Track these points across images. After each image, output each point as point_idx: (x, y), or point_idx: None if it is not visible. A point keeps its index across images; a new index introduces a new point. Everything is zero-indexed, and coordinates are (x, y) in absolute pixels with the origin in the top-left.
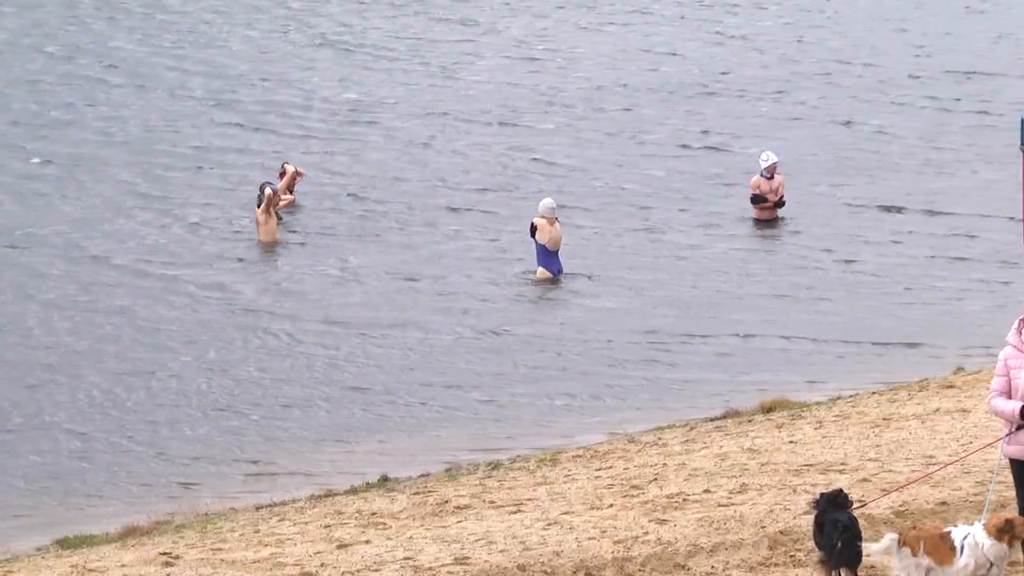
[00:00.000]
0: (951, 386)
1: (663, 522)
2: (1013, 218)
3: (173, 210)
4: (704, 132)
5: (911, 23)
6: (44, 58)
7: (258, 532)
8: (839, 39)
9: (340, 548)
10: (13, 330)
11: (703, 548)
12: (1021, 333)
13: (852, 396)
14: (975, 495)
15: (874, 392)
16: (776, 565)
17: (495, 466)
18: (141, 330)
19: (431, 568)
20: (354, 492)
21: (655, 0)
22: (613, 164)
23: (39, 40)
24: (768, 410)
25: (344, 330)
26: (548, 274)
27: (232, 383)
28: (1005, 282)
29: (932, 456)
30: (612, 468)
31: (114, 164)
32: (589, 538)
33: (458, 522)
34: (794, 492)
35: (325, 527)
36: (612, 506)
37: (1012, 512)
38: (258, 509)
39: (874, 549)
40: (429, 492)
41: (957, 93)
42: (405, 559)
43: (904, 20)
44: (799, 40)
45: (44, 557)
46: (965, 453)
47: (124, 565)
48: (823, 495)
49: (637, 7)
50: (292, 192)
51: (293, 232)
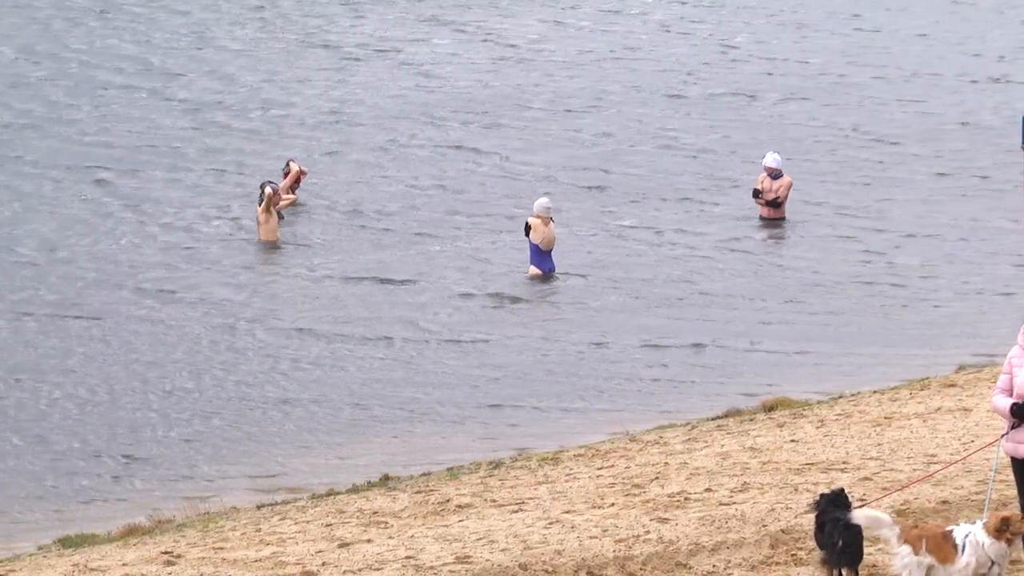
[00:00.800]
0: (952, 385)
1: (664, 521)
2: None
3: (172, 210)
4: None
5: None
6: (26, 59)
7: (259, 531)
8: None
9: (342, 547)
10: (13, 330)
11: (704, 547)
12: None
13: (854, 395)
14: (977, 494)
15: (875, 391)
16: (778, 564)
17: (496, 465)
18: (142, 330)
19: (433, 567)
20: (355, 491)
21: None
22: (607, 165)
23: (27, 41)
24: (770, 409)
25: (344, 329)
26: (539, 272)
27: (233, 382)
28: (1006, 282)
29: (934, 455)
30: (614, 467)
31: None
32: (591, 537)
33: (460, 521)
34: (796, 491)
35: (327, 526)
36: (614, 505)
37: (1014, 510)
38: (259, 508)
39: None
40: (431, 491)
41: (958, 92)
42: (407, 558)
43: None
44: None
45: (46, 556)
46: (967, 452)
47: (126, 564)
48: (823, 495)
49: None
50: (295, 191)
51: (295, 232)
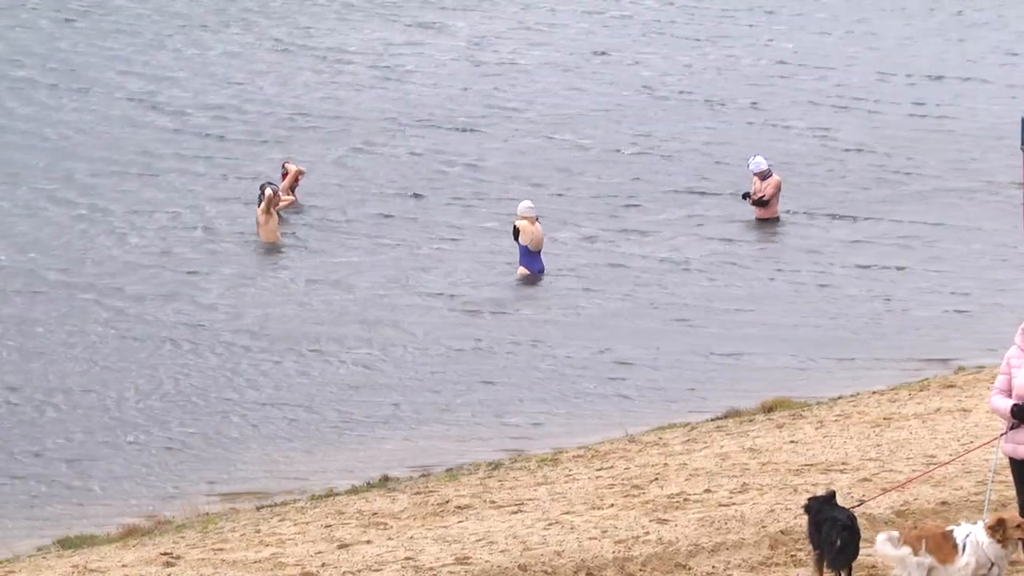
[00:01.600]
0: (952, 386)
1: (664, 522)
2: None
3: (172, 210)
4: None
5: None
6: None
7: (259, 532)
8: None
9: (341, 548)
10: (12, 330)
11: (704, 548)
12: None
13: (853, 396)
14: (976, 494)
15: (875, 392)
16: (777, 565)
17: (496, 466)
18: (142, 332)
19: (432, 568)
20: (355, 492)
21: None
22: (598, 166)
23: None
24: (769, 410)
25: (343, 330)
26: (529, 273)
27: (233, 382)
28: (1007, 282)
29: (933, 455)
30: (613, 468)
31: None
32: (590, 538)
33: (459, 522)
34: (795, 492)
35: (326, 527)
36: (613, 506)
37: (1012, 511)
38: (259, 509)
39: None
40: (430, 492)
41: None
42: (406, 559)
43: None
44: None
45: (45, 557)
46: (965, 452)
47: (125, 565)
48: (814, 498)
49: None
50: (294, 192)
51: (294, 232)
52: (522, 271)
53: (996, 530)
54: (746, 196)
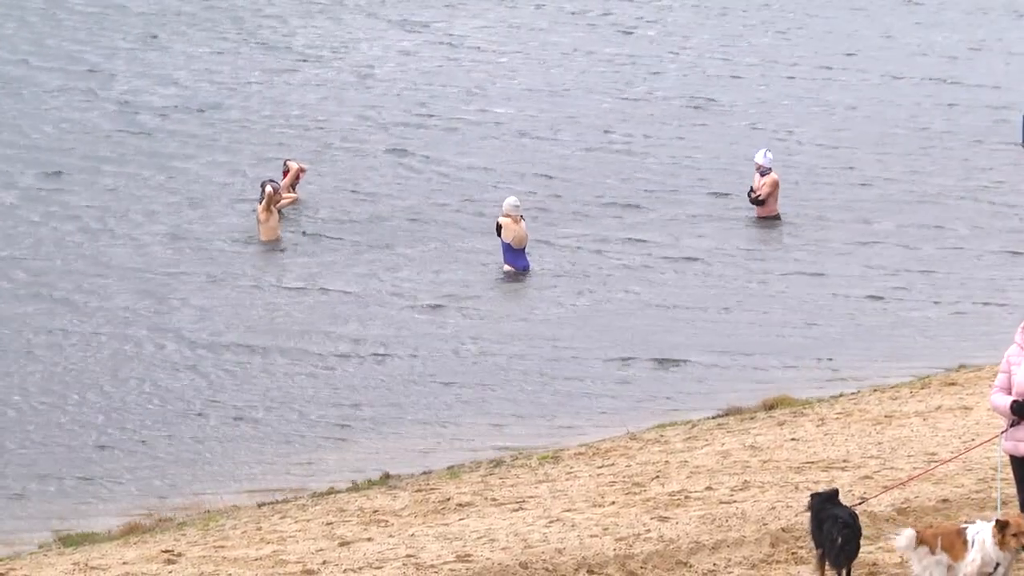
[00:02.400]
0: (953, 383)
1: (665, 519)
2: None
3: (173, 208)
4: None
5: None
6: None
7: (260, 529)
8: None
9: (342, 545)
10: (13, 329)
11: (705, 545)
12: None
13: (854, 393)
14: (977, 492)
15: (876, 389)
16: (778, 562)
17: (497, 463)
18: (143, 327)
19: (433, 566)
20: (356, 489)
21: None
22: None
23: None
24: (770, 407)
25: (344, 328)
26: (513, 270)
27: (234, 380)
28: (1006, 280)
29: (934, 453)
30: (614, 465)
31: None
32: (591, 535)
33: (460, 520)
34: (796, 489)
35: (327, 524)
36: (614, 503)
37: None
38: (260, 506)
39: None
40: (431, 490)
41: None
42: (407, 557)
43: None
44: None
45: (46, 554)
46: (966, 449)
47: (126, 562)
48: (816, 495)
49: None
50: (295, 190)
51: (295, 230)
52: (507, 268)
53: (997, 532)
54: (751, 193)
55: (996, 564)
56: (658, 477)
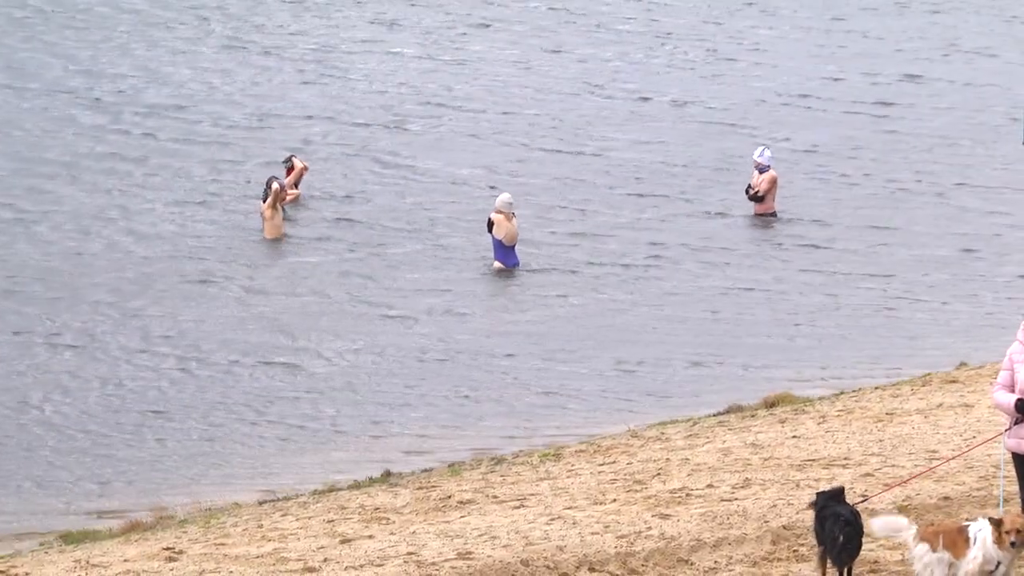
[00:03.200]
0: (954, 381)
1: (666, 517)
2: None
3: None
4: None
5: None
6: None
7: (261, 527)
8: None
9: (343, 543)
10: (13, 327)
11: (706, 543)
12: None
13: (855, 391)
14: (978, 490)
15: (877, 387)
16: (779, 560)
17: (498, 461)
18: (143, 324)
19: (434, 563)
20: (357, 487)
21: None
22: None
23: None
24: (771, 405)
25: (344, 325)
26: (503, 267)
27: (235, 377)
28: (1007, 278)
29: (935, 451)
30: (615, 463)
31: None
32: (592, 533)
33: (461, 517)
34: (797, 487)
35: (328, 522)
36: (615, 501)
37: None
38: (261, 504)
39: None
40: (432, 487)
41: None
42: (408, 554)
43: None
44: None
45: (47, 552)
46: (968, 448)
47: (127, 560)
48: (821, 493)
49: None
50: (297, 187)
51: (299, 227)
52: (497, 265)
53: (995, 530)
54: (749, 190)
55: (997, 563)
56: (659, 475)
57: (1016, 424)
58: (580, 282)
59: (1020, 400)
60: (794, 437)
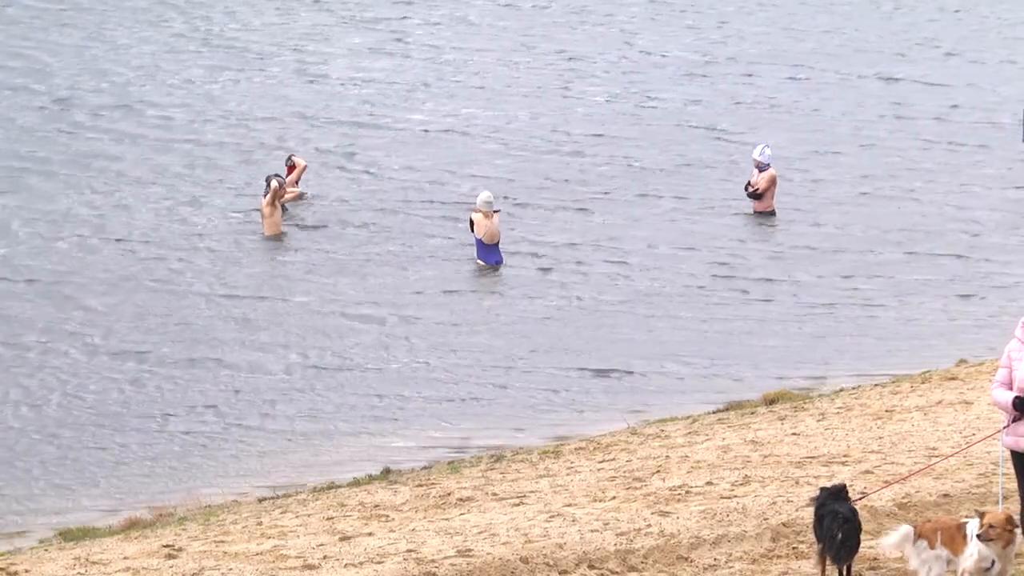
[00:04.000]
0: (953, 378)
1: (666, 514)
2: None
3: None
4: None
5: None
6: None
7: (261, 524)
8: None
9: (343, 540)
10: (13, 325)
11: (706, 540)
12: None
13: (854, 388)
14: (977, 487)
15: (876, 384)
16: (779, 557)
17: (498, 458)
18: (143, 323)
19: (434, 560)
20: (357, 484)
21: None
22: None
23: None
24: (771, 402)
25: (343, 322)
26: (484, 265)
27: (234, 374)
28: (1006, 275)
29: (935, 448)
30: (615, 460)
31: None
32: (592, 530)
33: (461, 514)
34: (796, 484)
35: (328, 519)
36: (615, 498)
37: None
38: (261, 501)
39: (886, 543)
40: (432, 484)
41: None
42: (408, 551)
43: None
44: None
45: (47, 549)
46: (967, 445)
47: (127, 557)
48: (824, 489)
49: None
50: (299, 185)
51: (298, 225)
52: (479, 263)
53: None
54: (747, 188)
55: (993, 561)
56: (659, 472)
57: (1014, 422)
58: (577, 280)
59: (1018, 398)
60: (794, 434)
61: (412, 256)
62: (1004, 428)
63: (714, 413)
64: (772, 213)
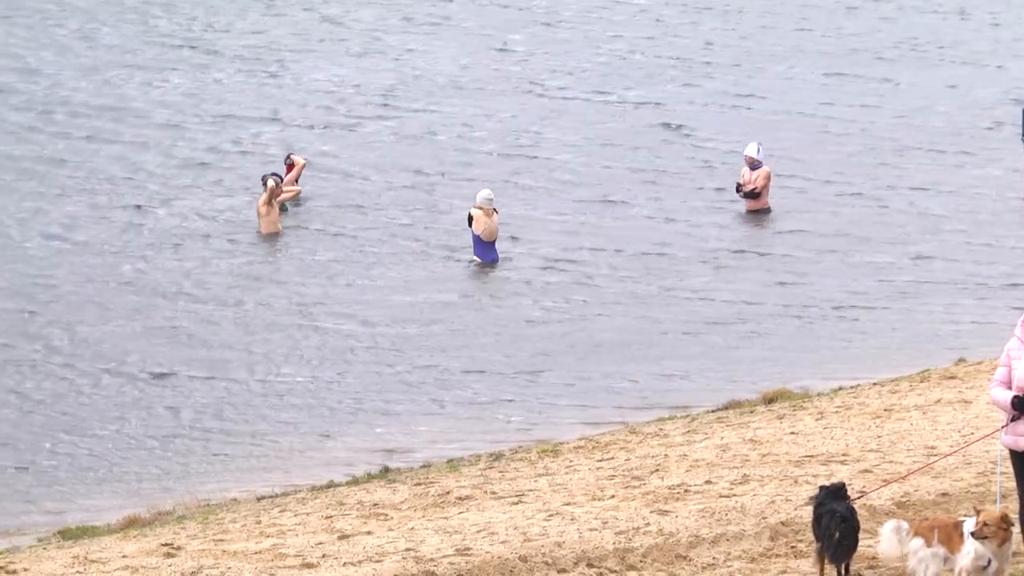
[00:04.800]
0: (952, 377)
1: (664, 513)
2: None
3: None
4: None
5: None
6: None
7: (259, 523)
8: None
9: (341, 539)
10: (13, 324)
11: (704, 539)
12: None
13: (853, 387)
14: (976, 486)
15: (875, 383)
16: (777, 556)
17: (497, 457)
18: (141, 320)
19: (432, 559)
20: (355, 483)
21: None
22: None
23: None
24: (769, 401)
25: (343, 322)
26: (481, 262)
27: (232, 373)
28: (1005, 274)
29: (933, 447)
30: (614, 459)
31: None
32: (591, 529)
33: (460, 513)
34: (795, 483)
35: (326, 518)
36: (614, 497)
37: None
38: (259, 500)
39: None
40: (431, 483)
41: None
42: (407, 550)
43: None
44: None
45: (46, 548)
46: (966, 443)
47: (126, 556)
48: (823, 488)
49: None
50: (298, 183)
51: (296, 223)
52: (476, 261)
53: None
54: (739, 188)
55: (989, 560)
56: (657, 471)
57: (1013, 421)
58: (574, 279)
59: (1017, 397)
60: (792, 433)
61: (410, 255)
62: (1003, 427)
63: (713, 412)
64: (767, 211)
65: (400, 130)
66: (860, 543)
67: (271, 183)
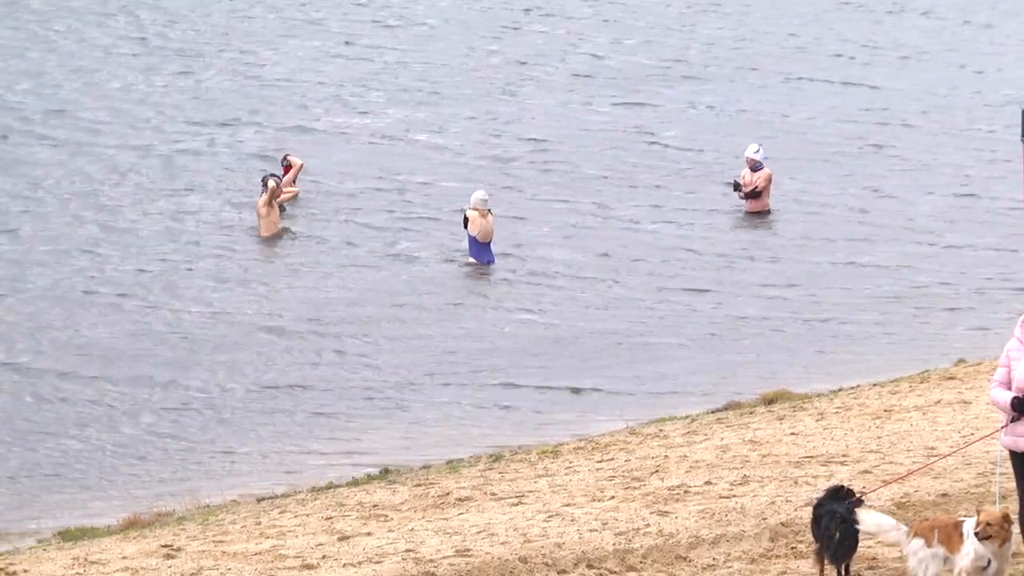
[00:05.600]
0: (952, 378)
1: (664, 514)
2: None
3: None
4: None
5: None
6: None
7: (259, 524)
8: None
9: (341, 540)
10: (13, 324)
11: (704, 540)
12: None
13: (853, 388)
14: (976, 486)
15: (875, 384)
16: (777, 557)
17: (496, 458)
18: (141, 322)
19: (432, 560)
20: (355, 484)
21: None
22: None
23: None
24: (769, 402)
25: (342, 324)
26: (476, 263)
27: (233, 374)
28: (1005, 274)
29: (933, 448)
30: (613, 460)
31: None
32: (590, 530)
33: (459, 514)
34: (795, 484)
35: (326, 519)
36: (613, 498)
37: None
38: (259, 501)
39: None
40: (431, 484)
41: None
42: (407, 551)
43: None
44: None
45: (46, 549)
46: (966, 444)
47: (125, 557)
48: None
49: None
50: (295, 184)
51: (296, 225)
52: (471, 261)
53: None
54: (737, 188)
55: (989, 560)
56: (657, 472)
57: (1013, 421)
58: (573, 280)
59: (1017, 398)
60: (792, 434)
61: (408, 256)
62: (1003, 428)
63: (713, 413)
64: (767, 212)
65: (371, 135)
66: (860, 543)
67: (271, 184)
